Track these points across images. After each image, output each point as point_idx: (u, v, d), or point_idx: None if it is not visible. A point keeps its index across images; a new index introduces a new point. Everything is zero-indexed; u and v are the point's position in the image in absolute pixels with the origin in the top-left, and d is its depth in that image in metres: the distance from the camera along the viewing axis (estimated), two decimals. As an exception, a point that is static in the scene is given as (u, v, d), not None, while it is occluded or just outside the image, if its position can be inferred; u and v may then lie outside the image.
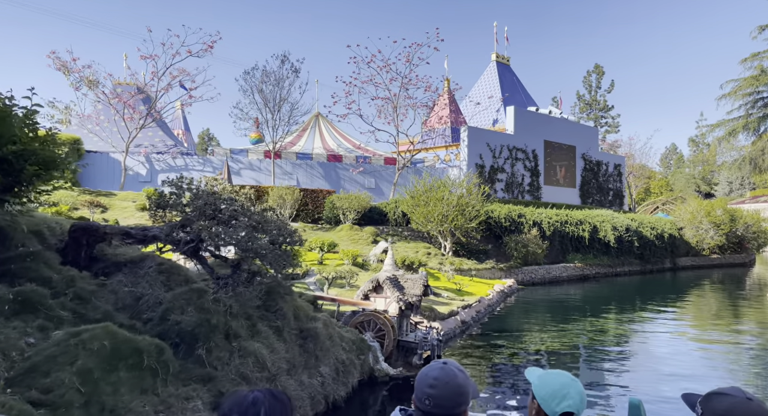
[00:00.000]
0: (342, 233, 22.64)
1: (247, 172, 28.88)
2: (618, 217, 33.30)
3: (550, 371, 2.12)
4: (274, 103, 28.57)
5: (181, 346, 5.12)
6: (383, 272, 10.16)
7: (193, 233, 5.57)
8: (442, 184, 24.18)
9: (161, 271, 6.07)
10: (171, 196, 6.41)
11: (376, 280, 9.75)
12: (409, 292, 9.89)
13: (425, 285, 10.17)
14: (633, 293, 27.61)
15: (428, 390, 1.80)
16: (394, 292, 9.63)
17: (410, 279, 10.04)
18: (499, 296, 20.60)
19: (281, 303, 6.82)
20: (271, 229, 6.94)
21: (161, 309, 5.35)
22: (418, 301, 9.92)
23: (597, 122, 75.44)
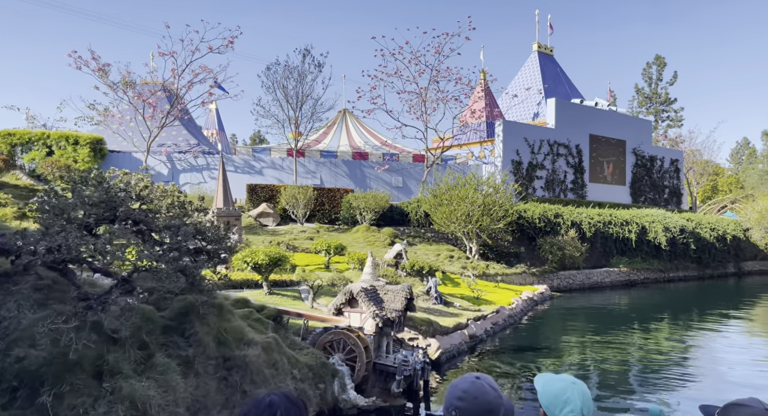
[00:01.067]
0: (358, 235, 21.40)
1: (269, 171, 28.25)
2: (671, 217, 30.17)
3: (553, 376, 2.08)
4: (296, 99, 27.75)
5: (21, 391, 4.03)
6: (360, 283, 8.80)
7: (54, 242, 4.50)
8: (466, 181, 22.42)
9: (38, 287, 5.01)
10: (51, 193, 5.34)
11: (349, 292, 8.40)
12: (388, 306, 8.47)
13: (408, 298, 8.70)
14: (689, 302, 24.80)
15: (456, 402, 1.80)
16: (369, 306, 8.24)
17: (391, 291, 8.62)
18: (525, 305, 18.69)
19: (198, 326, 5.63)
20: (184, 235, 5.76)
21: (6, 341, 4.28)
22: (398, 317, 8.48)
23: (658, 116, 70.40)
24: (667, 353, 13.51)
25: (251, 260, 10.90)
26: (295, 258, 17.56)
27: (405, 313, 9.11)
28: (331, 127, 33.82)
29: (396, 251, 18.68)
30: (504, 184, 23.47)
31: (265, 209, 21.54)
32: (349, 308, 8.57)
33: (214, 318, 5.93)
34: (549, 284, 24.09)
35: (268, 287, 11.62)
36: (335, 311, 8.54)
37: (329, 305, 8.83)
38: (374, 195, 22.21)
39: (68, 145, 23.63)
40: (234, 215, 14.35)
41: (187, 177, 26.80)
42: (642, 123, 43.71)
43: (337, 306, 8.53)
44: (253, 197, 22.71)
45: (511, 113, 44.40)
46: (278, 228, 21.15)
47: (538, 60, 45.15)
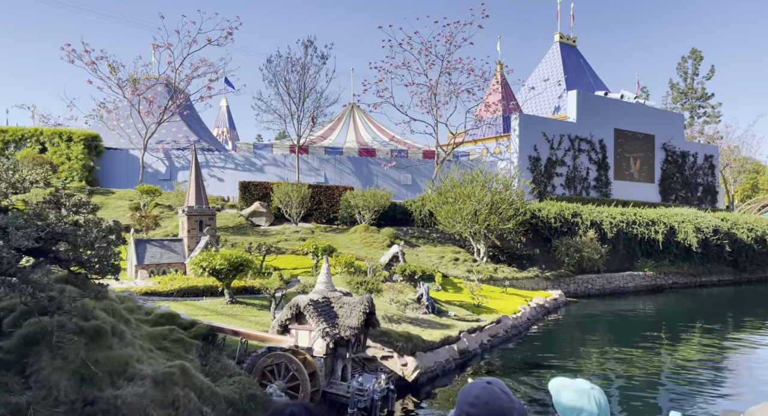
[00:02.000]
0: (355, 236, 20.03)
1: (270, 168, 27.18)
2: (703, 216, 27.76)
3: (569, 381, 2.03)
4: (299, 92, 26.58)
5: None
6: (313, 293, 7.42)
7: None
8: (474, 177, 20.78)
9: None
10: None
11: (296, 306, 7.03)
12: (342, 323, 7.07)
13: (367, 313, 7.27)
14: (724, 309, 22.58)
15: (468, 409, 1.78)
16: (319, 323, 6.86)
17: (347, 304, 7.21)
18: (534, 314, 16.98)
19: (46, 360, 4.27)
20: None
21: None
22: (354, 335, 7.06)
23: (693, 112, 66.99)
24: (699, 367, 11.91)
25: (208, 264, 9.66)
26: (279, 261, 16.36)
27: (366, 330, 7.70)
28: (338, 122, 32.57)
29: (392, 253, 17.25)
30: (515, 180, 21.71)
31: (258, 208, 20.41)
32: (297, 325, 7.20)
33: (79, 346, 4.64)
34: (565, 290, 22.22)
35: (230, 296, 10.37)
36: (280, 328, 7.19)
37: (273, 321, 7.47)
38: (373, 193, 20.78)
39: (61, 142, 23.07)
40: (207, 213, 13.18)
41: (185, 175, 25.95)
42: (672, 116, 40.98)
43: (282, 323, 7.18)
44: (246, 195, 21.61)
45: (530, 106, 42.29)
46: (270, 228, 19.99)
47: (559, 51, 42.87)
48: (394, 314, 11.95)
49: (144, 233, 16.27)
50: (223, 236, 17.44)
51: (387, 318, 11.20)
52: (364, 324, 7.42)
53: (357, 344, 7.46)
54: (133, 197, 20.02)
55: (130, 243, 12.26)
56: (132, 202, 19.36)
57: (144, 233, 16.31)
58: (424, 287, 13.23)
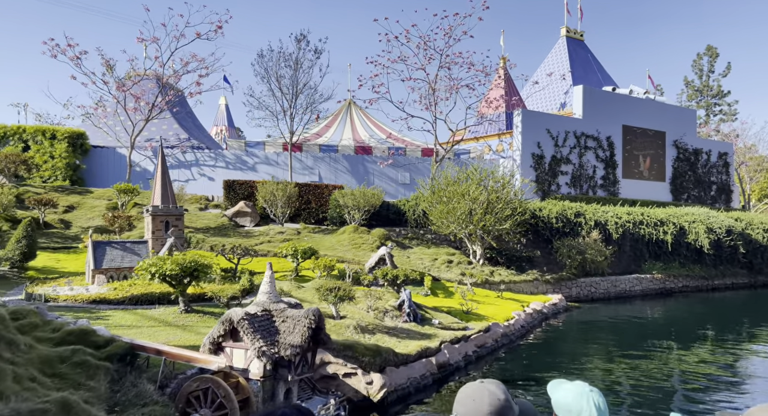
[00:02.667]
0: (344, 237, 19.11)
1: (262, 166, 26.38)
2: (716, 216, 26.41)
3: (567, 383, 2.02)
4: (292, 88, 25.74)
5: None
6: (252, 305, 6.49)
7: None
8: (468, 175, 19.74)
9: None
10: None
11: (228, 320, 6.11)
12: (283, 340, 6.15)
13: (313, 328, 6.33)
14: (738, 313, 21.33)
15: (457, 407, 1.81)
16: (255, 340, 5.95)
17: (291, 318, 6.29)
18: (530, 320, 15.92)
19: None
20: None
21: None
22: (297, 354, 6.12)
23: (709, 110, 65.37)
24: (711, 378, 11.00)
25: (157, 270, 8.79)
26: (258, 265, 15.50)
27: (314, 347, 6.76)
28: (334, 120, 31.67)
29: (378, 256, 16.30)
30: (513, 178, 20.62)
31: (243, 207, 19.59)
32: (232, 343, 6.29)
33: None
34: (566, 294, 21.10)
35: (185, 304, 9.49)
36: (212, 346, 6.29)
37: (204, 338, 6.54)
38: (363, 191, 19.82)
39: (45, 140, 22.47)
40: (174, 213, 12.35)
41: (174, 174, 25.21)
42: (684, 112, 39.46)
43: (215, 340, 6.27)
44: (230, 194, 20.80)
45: (535, 103, 41.07)
46: (254, 229, 19.15)
47: (566, 46, 41.55)
48: (370, 323, 11.01)
49: (117, 235, 15.52)
50: (201, 238, 16.64)
51: (359, 328, 10.26)
52: (311, 340, 6.48)
53: (302, 364, 6.52)
54: (112, 197, 19.33)
55: (88, 245, 11.47)
56: (110, 202, 18.67)
57: (117, 234, 15.56)
58: (406, 293, 12.26)
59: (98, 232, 15.83)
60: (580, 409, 1.88)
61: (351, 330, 10.05)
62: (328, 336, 6.82)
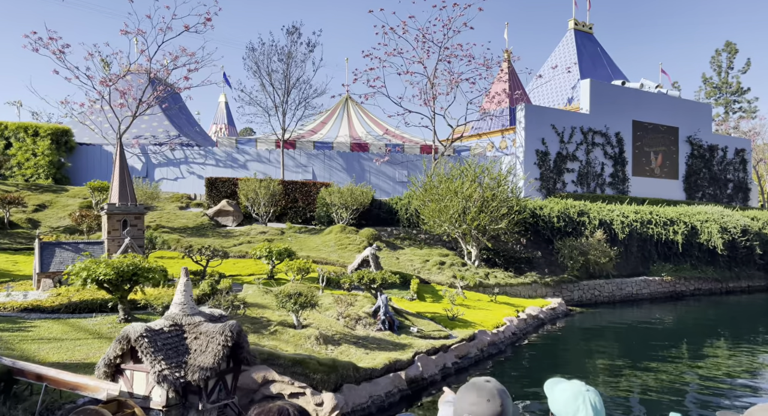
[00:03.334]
0: (330, 237, 18.15)
1: (254, 164, 25.54)
2: (731, 215, 24.93)
3: (564, 381, 2.02)
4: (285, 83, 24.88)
5: None
6: (161, 319, 5.53)
7: None
8: (462, 171, 18.65)
9: None
10: None
11: (126, 338, 5.15)
12: (193, 361, 5.20)
13: (230, 346, 5.36)
14: (755, 318, 19.98)
15: (470, 407, 1.79)
16: (155, 363, 5.01)
17: (204, 334, 5.34)
18: (524, 326, 14.80)
19: None
20: None
21: None
22: (205, 379, 5.16)
23: (728, 107, 63.63)
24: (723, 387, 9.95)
25: (88, 274, 7.91)
26: (236, 267, 14.63)
27: (234, 369, 5.78)
28: (330, 116, 30.74)
29: (362, 257, 15.32)
30: (510, 174, 19.47)
31: (225, 206, 18.75)
32: (132, 365, 5.35)
33: None
34: (568, 297, 19.90)
35: (125, 312, 8.60)
36: (108, 369, 5.34)
37: (99, 360, 5.58)
38: (351, 189, 18.83)
39: (27, 137, 21.91)
40: (133, 212, 11.50)
41: (163, 172, 24.55)
42: (699, 107, 37.77)
43: (111, 362, 5.33)
44: (212, 192, 19.97)
45: (542, 98, 39.73)
46: (236, 229, 18.29)
47: (574, 39, 40.10)
48: (337, 332, 10.03)
49: (85, 235, 14.76)
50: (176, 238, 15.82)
51: (323, 339, 9.28)
52: (229, 361, 5.53)
53: (219, 389, 5.56)
54: (88, 195, 18.64)
55: (35, 247, 10.67)
56: (85, 200, 17.99)
57: (86, 234, 14.80)
58: (382, 298, 11.24)
59: (67, 232, 15.09)
60: (576, 409, 1.88)
61: (311, 341, 9.08)
62: (250, 354, 5.84)
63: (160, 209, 19.19)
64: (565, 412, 1.89)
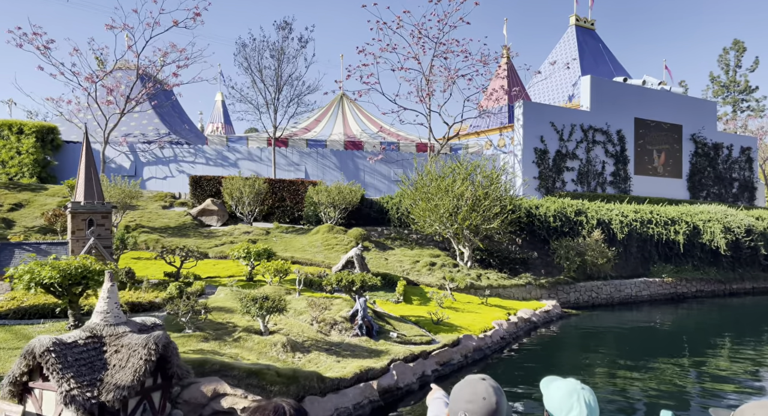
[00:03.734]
0: (317, 237, 17.59)
1: (245, 163, 25.02)
2: (734, 214, 24.17)
3: (560, 379, 2.05)
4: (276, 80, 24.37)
5: None
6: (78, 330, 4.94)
7: None
8: (454, 169, 18.04)
9: None
10: None
11: (31, 353, 4.54)
12: (110, 380, 4.62)
13: (153, 359, 4.79)
14: (760, 321, 19.24)
15: (464, 405, 1.79)
16: (63, 381, 4.43)
17: (126, 347, 4.77)
18: (514, 330, 14.17)
19: None
20: None
21: None
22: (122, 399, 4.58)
23: (736, 106, 62.93)
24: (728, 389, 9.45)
25: (33, 277, 7.38)
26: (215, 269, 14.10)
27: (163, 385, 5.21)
28: (324, 114, 30.19)
29: (346, 258, 14.75)
30: (503, 172, 18.82)
31: (209, 205, 18.23)
32: (41, 383, 4.77)
33: None
34: (564, 299, 19.23)
35: (75, 318, 8.06)
36: (14, 388, 4.77)
37: (4, 378, 4.98)
38: (339, 188, 18.25)
39: (11, 134, 21.50)
40: (99, 211, 10.99)
41: (152, 171, 24.08)
42: (703, 104, 36.93)
43: (16, 380, 4.75)
44: (197, 191, 19.45)
45: (542, 95, 39.00)
46: (219, 229, 17.76)
47: (575, 35, 39.34)
48: (309, 338, 9.46)
49: (59, 236, 14.29)
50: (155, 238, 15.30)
51: (290, 346, 8.72)
52: (155, 377, 4.96)
53: (143, 409, 4.99)
54: (66, 194, 18.19)
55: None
56: (65, 199, 17.54)
57: (59, 235, 14.33)
58: (360, 302, 10.66)
59: (42, 232, 14.63)
60: (570, 406, 1.89)
61: (278, 349, 8.52)
62: (187, 368, 5.27)
63: (142, 208, 18.72)
64: (560, 409, 1.91)
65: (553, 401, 1.95)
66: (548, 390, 2.04)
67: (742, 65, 63.60)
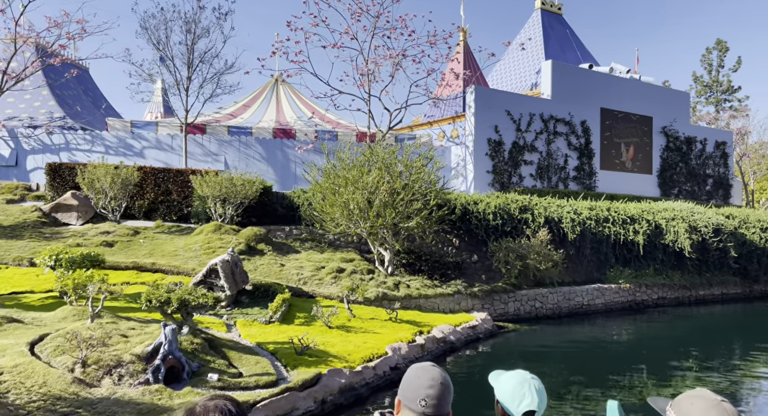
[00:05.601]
0: (198, 239, 14.53)
1: (152, 152, 21.86)
2: (702, 212, 21.65)
3: (509, 372, 2.14)
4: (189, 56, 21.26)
5: None
6: None
7: None
8: (370, 156, 15.13)
9: None
10: None
11: None
12: None
13: None
14: (730, 333, 16.84)
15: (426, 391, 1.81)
16: None
17: None
18: (418, 355, 11.27)
19: None
20: None
21: None
22: None
23: (719, 106, 61.80)
24: None
25: None
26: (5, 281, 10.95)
27: None
28: (255, 99, 27.08)
29: (209, 266, 11.71)
30: (431, 161, 15.94)
31: (67, 199, 15.09)
32: None
33: None
34: (502, 310, 16.45)
35: None
36: None
37: None
38: (231, 178, 15.22)
39: None
40: None
41: (37, 160, 20.78)
42: (675, 95, 34.52)
43: None
44: (55, 182, 16.24)
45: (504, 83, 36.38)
46: (71, 229, 14.60)
47: (540, 20, 36.72)
48: (46, 395, 6.41)
49: None
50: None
51: (12, 408, 5.68)
52: None
53: None
54: None
55: None
56: None
57: None
58: (166, 331, 7.67)
59: None
60: (522, 395, 1.97)
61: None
62: None
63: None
64: (512, 399, 1.98)
65: (506, 392, 2.01)
66: (498, 382, 2.09)
67: (724, 65, 63.35)
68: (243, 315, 11.09)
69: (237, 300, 11.97)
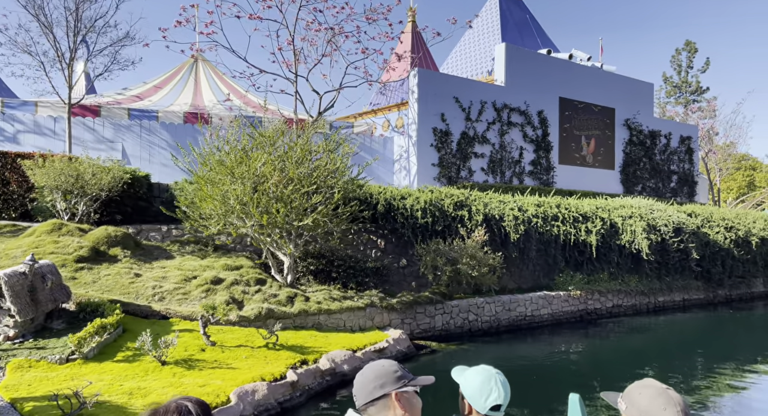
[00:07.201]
0: (26, 242, 11.32)
1: (30, 137, 18.46)
2: (662, 210, 19.43)
3: (473, 368, 2.16)
4: (73, 23, 17.93)
5: None
6: None
7: None
8: (257, 143, 12.15)
9: None
10: None
11: None
12: None
13: None
14: (692, 344, 14.65)
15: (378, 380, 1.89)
16: None
17: None
18: (284, 398, 8.39)
19: None
20: None
21: None
22: None
23: (688, 107, 61.59)
24: None
25: None
26: None
27: None
28: (169, 80, 23.73)
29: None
30: (339, 147, 13.06)
31: None
32: None
33: None
34: (427, 325, 13.72)
35: None
36: None
37: None
38: (75, 165, 12.06)
39: None
40: None
41: None
42: (639, 86, 32.55)
43: None
44: None
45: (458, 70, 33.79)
46: None
47: (498, 3, 34.27)
48: None
49: None
50: None
51: None
52: None
53: None
54: None
55: None
56: None
57: None
58: None
59: None
60: (490, 390, 2.02)
61: None
62: None
63: None
64: (480, 395, 2.04)
65: (473, 388, 2.07)
66: (464, 378, 2.14)
67: (693, 66, 64.04)
68: (35, 350, 8.00)
69: (46, 327, 8.86)
